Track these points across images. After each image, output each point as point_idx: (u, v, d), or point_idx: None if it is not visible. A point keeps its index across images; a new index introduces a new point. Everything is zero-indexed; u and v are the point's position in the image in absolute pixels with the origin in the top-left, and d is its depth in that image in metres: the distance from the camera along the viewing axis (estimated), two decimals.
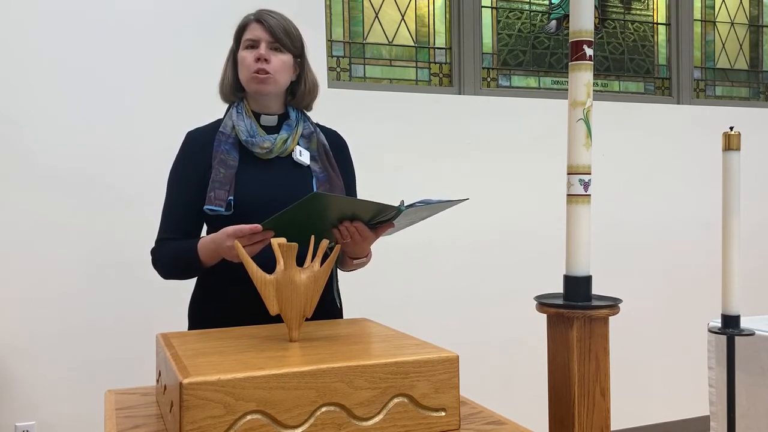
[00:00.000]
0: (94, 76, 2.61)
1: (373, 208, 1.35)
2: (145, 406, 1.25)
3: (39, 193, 2.54)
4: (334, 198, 1.36)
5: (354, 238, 1.42)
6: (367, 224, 1.42)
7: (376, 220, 1.42)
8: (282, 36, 1.59)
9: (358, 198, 1.30)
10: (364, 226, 1.42)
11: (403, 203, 1.36)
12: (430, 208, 1.41)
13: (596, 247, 1.62)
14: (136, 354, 2.52)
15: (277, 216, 1.33)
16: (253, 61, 1.58)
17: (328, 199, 1.35)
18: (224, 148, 1.58)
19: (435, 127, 3.11)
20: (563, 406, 1.30)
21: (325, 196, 1.35)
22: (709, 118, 3.63)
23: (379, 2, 3.18)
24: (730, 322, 1.77)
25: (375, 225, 1.44)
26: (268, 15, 1.61)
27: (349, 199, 1.30)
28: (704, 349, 2.38)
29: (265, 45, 1.58)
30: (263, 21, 1.59)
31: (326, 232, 1.41)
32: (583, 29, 1.30)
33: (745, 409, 2.17)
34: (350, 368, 1.03)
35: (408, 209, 1.35)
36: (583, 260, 1.32)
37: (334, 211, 1.37)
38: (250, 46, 1.60)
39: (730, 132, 1.77)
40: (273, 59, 1.59)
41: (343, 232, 1.41)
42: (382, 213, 1.38)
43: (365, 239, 1.44)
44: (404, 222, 1.47)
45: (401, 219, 1.42)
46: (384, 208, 1.35)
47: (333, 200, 1.36)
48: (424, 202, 1.38)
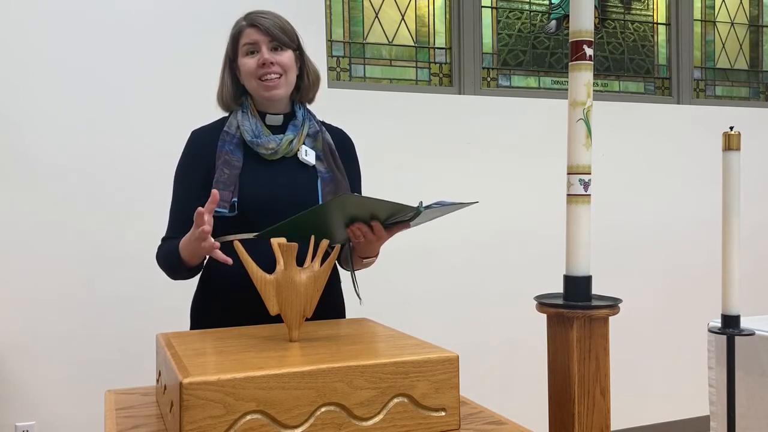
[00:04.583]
0: (94, 76, 2.61)
1: (393, 208, 1.35)
2: (145, 406, 1.25)
3: (39, 193, 2.54)
4: (361, 199, 1.34)
5: (368, 237, 1.41)
6: (382, 223, 1.41)
7: (391, 220, 1.41)
8: (280, 34, 1.57)
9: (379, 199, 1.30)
10: (380, 226, 1.40)
11: (421, 204, 1.35)
12: (442, 210, 1.41)
13: (596, 247, 1.62)
14: (136, 354, 2.52)
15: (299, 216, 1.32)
16: (258, 67, 1.56)
17: (356, 200, 1.33)
18: (228, 148, 1.57)
19: (435, 127, 3.11)
20: (563, 406, 1.30)
21: (355, 197, 1.34)
22: (709, 118, 3.63)
23: (379, 2, 3.18)
24: (730, 322, 1.77)
25: (390, 225, 1.43)
26: (260, 17, 1.58)
27: (373, 199, 1.29)
28: (704, 349, 2.38)
29: (265, 48, 1.57)
30: (258, 24, 1.57)
31: (339, 231, 1.41)
32: (583, 29, 1.30)
33: (745, 409, 2.17)
34: (350, 368, 1.03)
35: (426, 210, 1.35)
36: (583, 260, 1.32)
37: (355, 211, 1.35)
38: (250, 51, 1.58)
39: (730, 132, 1.77)
40: (278, 59, 1.57)
41: (356, 232, 1.40)
42: (400, 213, 1.37)
43: (379, 239, 1.43)
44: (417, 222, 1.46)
45: (417, 219, 1.42)
46: (402, 208, 1.35)
47: (360, 201, 1.34)
48: (439, 203, 1.37)
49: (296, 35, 1.63)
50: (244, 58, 1.59)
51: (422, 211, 1.34)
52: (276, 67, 1.57)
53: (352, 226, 1.39)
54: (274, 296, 1.21)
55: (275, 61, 1.57)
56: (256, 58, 1.57)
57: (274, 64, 1.57)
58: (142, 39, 2.67)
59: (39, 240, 2.54)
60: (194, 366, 1.02)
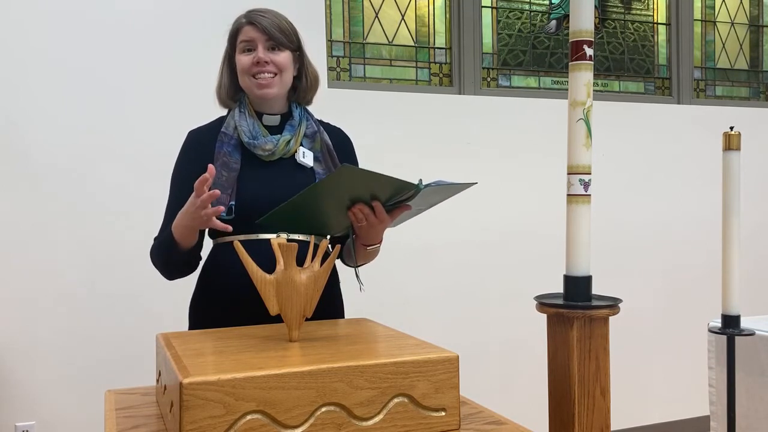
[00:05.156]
0: (94, 76, 2.61)
1: (394, 184, 1.34)
2: (145, 406, 1.25)
3: (39, 193, 2.54)
4: (361, 171, 1.32)
5: (369, 220, 1.41)
6: (383, 205, 1.41)
7: (393, 200, 1.41)
8: (277, 34, 1.57)
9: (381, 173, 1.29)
10: (381, 207, 1.40)
11: (421, 182, 1.35)
12: (442, 191, 1.40)
13: (596, 247, 1.62)
14: (136, 354, 2.52)
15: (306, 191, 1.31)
16: (252, 65, 1.56)
17: (357, 172, 1.32)
18: (227, 149, 1.57)
19: (435, 127, 3.11)
20: (563, 406, 1.30)
21: (355, 168, 1.33)
22: (709, 118, 3.63)
23: (379, 2, 3.18)
24: (730, 322, 1.77)
25: (391, 207, 1.43)
26: (260, 15, 1.58)
27: (374, 173, 1.29)
28: (704, 349, 2.38)
29: (262, 46, 1.56)
30: (256, 22, 1.57)
31: (341, 215, 1.40)
32: (583, 29, 1.30)
33: (745, 409, 2.17)
34: (350, 368, 1.03)
35: (425, 188, 1.35)
36: (583, 260, 1.32)
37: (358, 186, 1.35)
38: (247, 49, 1.58)
39: (730, 132, 1.77)
40: (274, 59, 1.57)
41: (358, 215, 1.40)
42: (401, 192, 1.37)
43: (381, 221, 1.42)
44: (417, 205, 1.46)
45: (416, 201, 1.41)
46: (404, 185, 1.34)
47: (360, 174, 1.33)
48: (438, 182, 1.37)
49: (296, 36, 1.62)
50: (240, 54, 1.59)
51: (422, 189, 1.34)
52: (270, 66, 1.57)
53: (353, 208, 1.39)
54: (274, 296, 1.21)
55: (270, 60, 1.57)
56: (251, 56, 1.57)
57: (268, 63, 1.56)
58: (142, 39, 2.67)
59: (39, 240, 2.54)
60: (194, 366, 1.02)
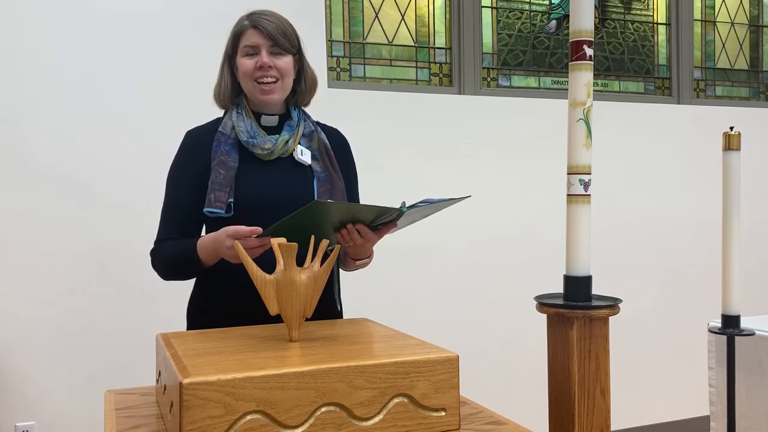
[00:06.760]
0: (93, 77, 2.61)
1: (374, 211, 1.35)
2: (145, 406, 1.25)
3: (39, 194, 2.54)
4: (334, 204, 1.36)
5: (356, 240, 1.42)
6: (369, 226, 1.42)
7: (378, 221, 1.41)
8: (281, 39, 1.57)
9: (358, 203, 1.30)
10: (367, 228, 1.41)
11: (404, 204, 1.35)
12: (432, 207, 1.41)
13: (596, 247, 1.61)
14: (136, 354, 2.52)
15: (278, 224, 1.33)
16: (255, 69, 1.56)
17: (328, 206, 1.35)
18: (224, 148, 1.57)
19: (435, 127, 3.11)
20: (563, 406, 1.30)
21: (325, 203, 1.35)
22: (709, 118, 3.63)
23: (379, 2, 3.18)
24: (730, 322, 1.77)
25: (377, 226, 1.44)
26: (264, 19, 1.58)
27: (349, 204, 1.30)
28: (704, 349, 2.38)
29: (265, 51, 1.56)
30: (260, 27, 1.56)
31: (328, 235, 1.41)
32: (583, 29, 1.30)
33: (745, 409, 2.17)
34: (350, 368, 1.03)
35: (410, 210, 1.35)
36: (583, 260, 1.32)
37: (335, 217, 1.36)
38: (250, 53, 1.58)
39: (730, 132, 1.77)
40: (277, 63, 1.57)
41: (345, 236, 1.40)
42: (384, 215, 1.38)
43: (368, 241, 1.44)
44: (406, 221, 1.46)
45: (403, 219, 1.42)
46: (385, 210, 1.35)
47: (333, 207, 1.35)
48: (425, 201, 1.37)
49: (297, 39, 1.62)
50: (243, 58, 1.59)
51: (405, 212, 1.34)
52: (273, 71, 1.57)
53: (341, 230, 1.40)
54: (274, 296, 1.21)
55: (273, 65, 1.57)
56: (254, 60, 1.57)
57: (272, 68, 1.57)
58: (142, 40, 2.67)
59: (39, 240, 2.54)
60: (194, 366, 1.02)
